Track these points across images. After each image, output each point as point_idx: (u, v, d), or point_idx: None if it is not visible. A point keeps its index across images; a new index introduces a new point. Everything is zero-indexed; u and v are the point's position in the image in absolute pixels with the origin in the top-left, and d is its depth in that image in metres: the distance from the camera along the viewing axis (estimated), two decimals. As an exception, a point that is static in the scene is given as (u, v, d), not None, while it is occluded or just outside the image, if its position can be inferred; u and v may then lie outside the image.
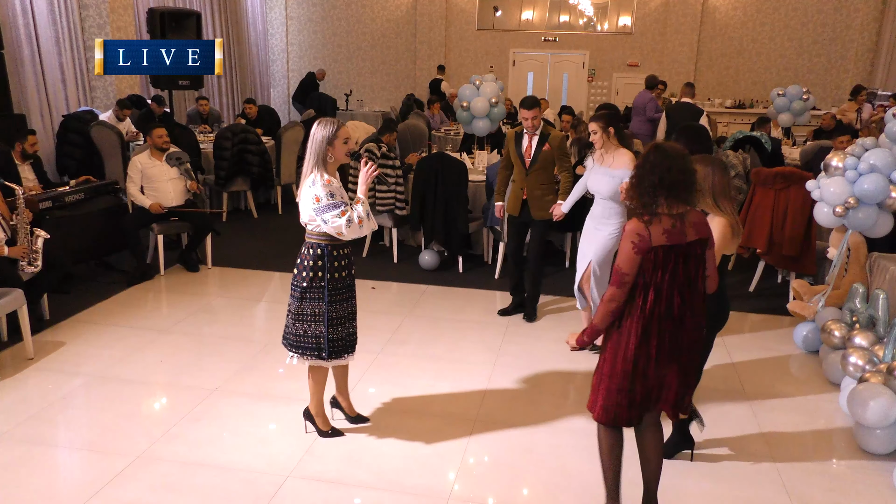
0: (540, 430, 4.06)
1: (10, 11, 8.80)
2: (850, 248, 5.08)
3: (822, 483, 3.63)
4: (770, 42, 14.59)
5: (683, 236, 2.84)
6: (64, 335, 5.19)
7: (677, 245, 2.83)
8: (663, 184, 2.80)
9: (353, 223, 3.49)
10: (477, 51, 15.82)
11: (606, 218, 4.86)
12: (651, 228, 2.80)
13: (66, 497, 3.37)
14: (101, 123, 8.57)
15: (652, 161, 2.84)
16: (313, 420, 3.93)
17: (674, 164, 2.82)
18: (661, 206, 2.83)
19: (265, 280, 6.63)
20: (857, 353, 4.16)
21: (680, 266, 2.85)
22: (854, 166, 4.82)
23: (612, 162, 4.73)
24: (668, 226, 2.82)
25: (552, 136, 5.31)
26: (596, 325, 2.97)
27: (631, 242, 2.81)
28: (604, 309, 2.91)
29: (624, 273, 2.83)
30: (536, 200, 5.39)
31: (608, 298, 2.89)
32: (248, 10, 15.36)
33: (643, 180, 2.85)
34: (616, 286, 2.86)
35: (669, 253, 2.82)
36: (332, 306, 3.65)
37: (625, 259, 2.83)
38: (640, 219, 2.83)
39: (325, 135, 3.48)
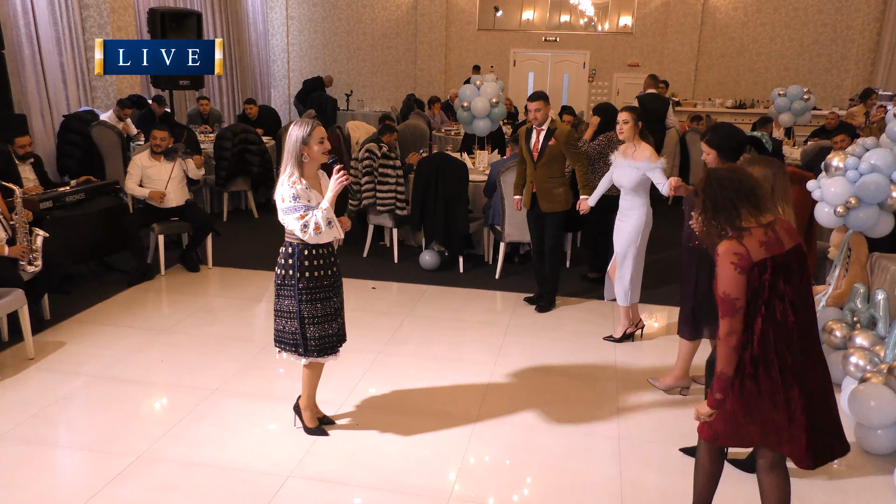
0: (540, 430, 4.06)
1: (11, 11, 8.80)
2: (851, 247, 5.08)
3: (823, 483, 3.63)
4: (771, 42, 14.58)
5: (781, 245, 2.60)
6: (64, 335, 5.20)
7: (778, 255, 2.58)
8: (741, 195, 2.58)
9: (309, 229, 3.47)
10: (477, 51, 15.82)
11: (630, 209, 5.06)
12: (746, 243, 2.56)
13: (67, 497, 3.37)
14: (102, 123, 8.58)
15: (717, 179, 2.63)
16: (300, 415, 3.97)
17: (741, 176, 2.63)
18: (745, 220, 2.59)
19: (266, 280, 6.62)
20: (858, 354, 4.16)
21: (786, 278, 2.59)
22: (855, 166, 4.82)
23: (635, 154, 4.93)
24: (761, 236, 2.57)
25: (558, 131, 5.46)
26: (724, 372, 2.62)
27: (731, 264, 2.54)
28: (725, 349, 2.59)
29: (733, 298, 2.55)
30: (545, 194, 5.58)
31: (725, 333, 2.58)
32: (248, 10, 15.37)
33: (717, 201, 2.59)
34: (729, 317, 2.56)
35: (773, 264, 2.57)
36: (305, 305, 3.64)
37: (729, 283, 2.55)
38: (729, 237, 2.59)
39: (301, 135, 3.49)
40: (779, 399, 2.63)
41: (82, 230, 6.18)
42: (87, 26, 10.05)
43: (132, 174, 6.55)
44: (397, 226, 7.15)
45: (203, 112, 10.96)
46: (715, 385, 2.66)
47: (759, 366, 2.61)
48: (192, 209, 6.76)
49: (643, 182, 4.95)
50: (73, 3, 9.74)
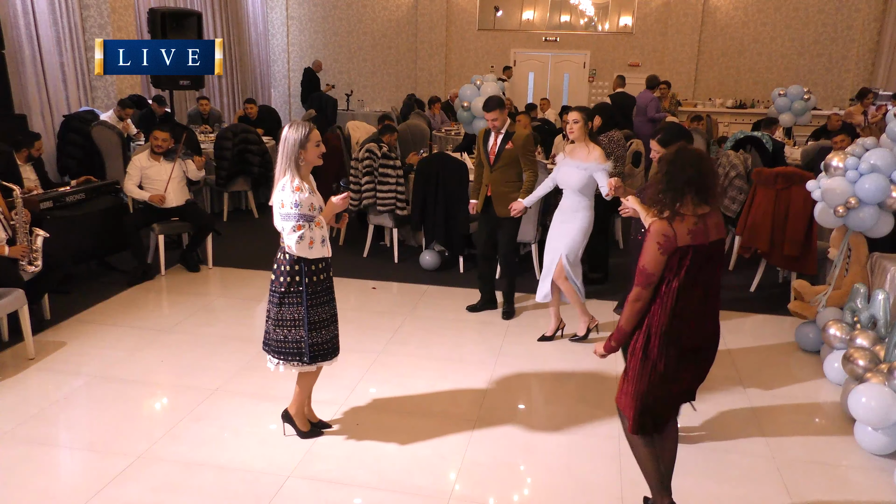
0: (541, 431, 4.06)
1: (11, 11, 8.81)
2: (851, 248, 5.08)
3: (823, 483, 3.63)
4: (771, 42, 14.58)
5: (706, 236, 2.86)
6: (65, 335, 5.20)
7: (701, 245, 2.84)
8: (692, 183, 2.81)
9: (304, 242, 3.47)
10: (478, 51, 15.82)
11: (574, 211, 5.03)
12: (676, 228, 2.81)
13: (67, 497, 3.37)
14: (102, 123, 8.58)
15: (683, 160, 2.85)
16: (292, 421, 3.89)
17: (704, 166, 2.85)
18: (685, 207, 2.84)
19: (266, 280, 6.55)
20: (858, 353, 4.16)
21: (703, 265, 2.87)
22: (855, 166, 4.82)
23: (585, 156, 4.89)
24: (691, 226, 2.83)
25: (516, 135, 5.37)
26: (623, 328, 2.97)
27: (657, 243, 2.81)
28: (630, 309, 2.92)
29: (649, 273, 2.84)
30: (501, 198, 5.44)
31: (633, 299, 2.90)
32: (248, 10, 15.37)
33: (674, 178, 2.82)
34: (642, 286, 2.87)
35: (694, 253, 2.83)
36: (312, 310, 3.62)
37: (650, 259, 2.84)
38: (664, 218, 2.84)
39: (297, 138, 3.44)
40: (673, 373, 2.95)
41: (83, 230, 6.18)
42: (88, 26, 10.05)
43: (131, 175, 6.55)
44: (397, 226, 7.15)
45: (203, 112, 10.96)
46: (614, 336, 3.01)
47: (664, 342, 2.89)
48: (192, 209, 6.76)
49: (590, 183, 4.94)
50: (73, 3, 9.75)
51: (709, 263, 2.89)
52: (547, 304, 5.40)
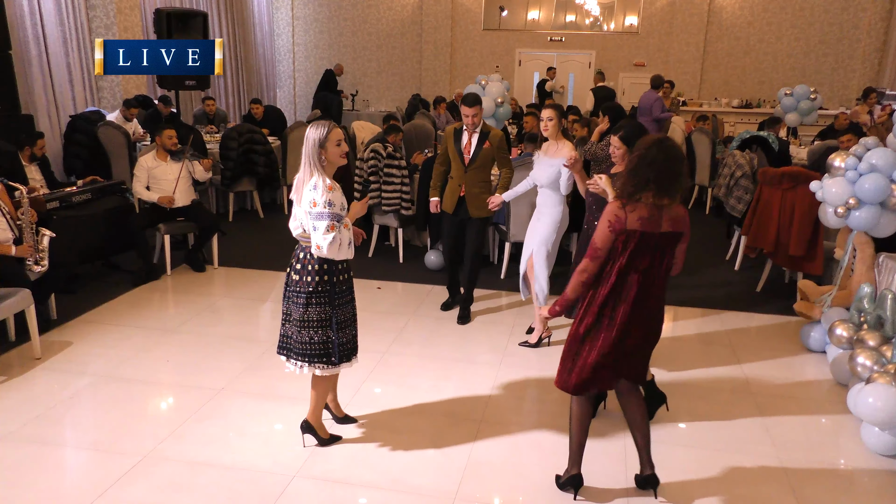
0: (546, 431, 4.06)
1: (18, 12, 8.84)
2: (857, 248, 5.06)
3: (829, 483, 3.62)
4: (777, 42, 14.54)
5: (658, 226, 3.03)
6: (71, 335, 5.21)
7: (649, 233, 3.02)
8: (656, 180, 2.98)
9: (335, 244, 3.38)
10: (483, 51, 15.82)
11: (546, 207, 5.07)
12: (628, 212, 3.00)
13: (73, 497, 3.38)
14: (108, 124, 8.60)
15: (653, 156, 2.99)
16: (313, 431, 3.83)
17: (672, 166, 3.01)
18: (644, 197, 3.02)
19: (271, 280, 6.63)
20: (865, 354, 4.15)
21: (646, 253, 3.05)
22: (854, 166, 4.80)
23: (556, 152, 4.92)
24: (644, 214, 3.00)
25: (492, 134, 5.33)
26: (567, 295, 3.19)
27: (608, 221, 3.03)
28: (576, 279, 3.13)
29: (597, 248, 3.06)
30: (474, 198, 5.38)
31: (581, 269, 3.11)
32: (254, 10, 15.40)
33: (638, 172, 3.00)
34: (589, 259, 3.09)
35: (639, 239, 3.02)
36: (339, 310, 3.59)
37: (600, 236, 3.05)
38: (620, 202, 3.04)
39: (318, 137, 3.40)
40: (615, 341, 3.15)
41: (89, 230, 6.19)
42: (94, 27, 10.09)
43: (139, 177, 6.57)
44: (402, 226, 7.15)
45: (209, 112, 10.99)
46: (559, 301, 3.22)
47: (605, 312, 3.13)
48: (197, 209, 6.77)
49: (558, 178, 4.95)
50: (79, 4, 9.78)
51: (654, 253, 3.06)
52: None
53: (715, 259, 7.55)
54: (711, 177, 9.53)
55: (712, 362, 5.02)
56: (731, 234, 7.79)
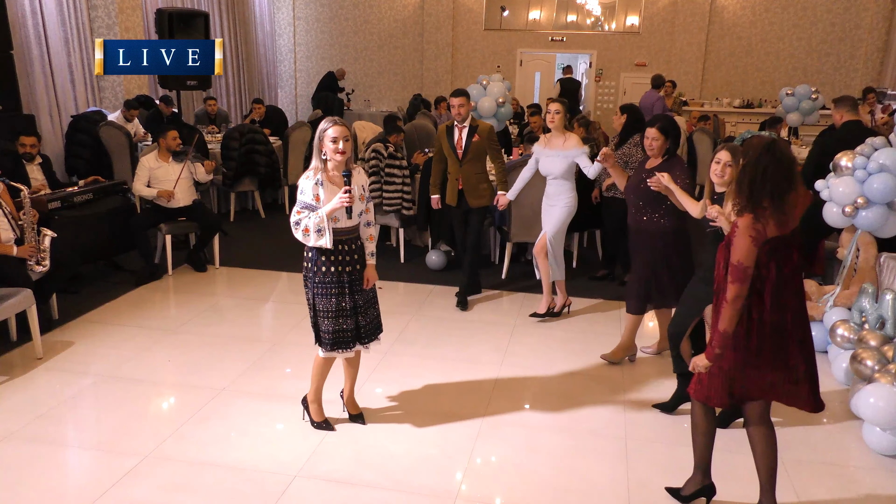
0: (547, 430, 4.06)
1: (20, 12, 8.85)
2: (860, 248, 5.06)
3: (831, 483, 3.62)
4: (779, 42, 14.53)
5: (788, 226, 2.94)
6: (73, 335, 5.22)
7: (786, 235, 2.93)
8: (769, 191, 2.87)
9: (299, 228, 3.58)
10: (484, 51, 15.81)
11: (558, 195, 5.41)
12: (763, 221, 2.89)
13: (75, 496, 3.38)
14: (110, 124, 8.61)
15: (765, 165, 2.87)
16: (308, 408, 4.01)
17: (790, 174, 2.90)
18: (766, 202, 2.89)
19: (273, 280, 6.64)
20: (867, 354, 4.14)
21: (788, 255, 2.94)
22: (863, 166, 4.80)
23: (563, 144, 5.30)
24: (774, 217, 2.90)
25: (480, 128, 5.66)
26: (726, 330, 2.95)
27: (749, 237, 2.87)
28: (730, 309, 2.92)
29: (745, 267, 2.87)
30: (472, 189, 5.76)
31: (734, 297, 2.90)
32: (255, 10, 15.40)
33: (755, 183, 2.88)
34: (739, 282, 2.88)
35: (780, 243, 2.92)
36: (319, 299, 3.71)
37: (744, 253, 2.87)
38: (751, 214, 2.90)
39: (319, 130, 3.61)
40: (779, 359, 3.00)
41: (90, 230, 6.20)
42: (95, 27, 10.09)
43: (140, 176, 6.57)
44: (403, 226, 7.15)
45: (210, 112, 10.99)
46: (715, 341, 2.97)
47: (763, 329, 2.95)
48: (199, 209, 6.78)
49: (571, 168, 5.35)
50: (81, 4, 9.78)
51: (793, 252, 2.97)
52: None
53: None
54: (713, 177, 9.50)
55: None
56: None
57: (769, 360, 3.00)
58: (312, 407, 3.99)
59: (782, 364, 3.01)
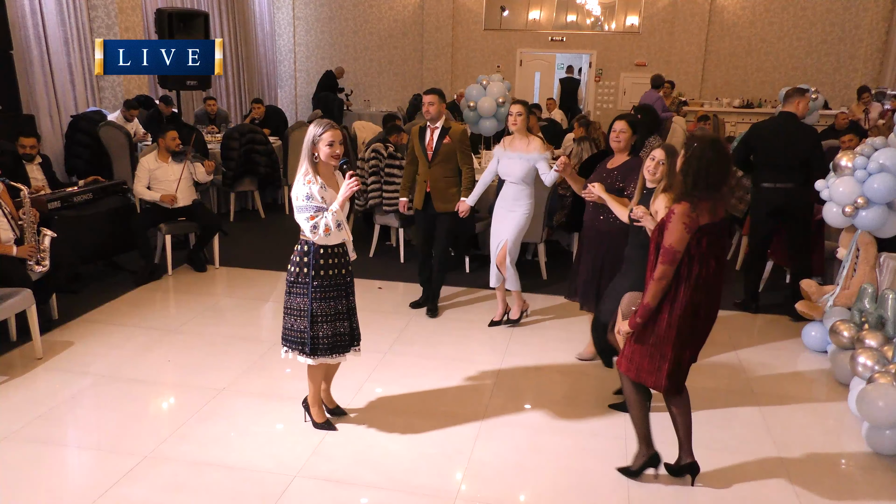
0: (547, 431, 4.06)
1: (19, 12, 8.84)
2: (860, 248, 5.06)
3: (831, 483, 3.62)
4: (778, 42, 14.52)
5: (718, 214, 3.17)
6: (72, 335, 5.22)
7: (717, 223, 3.16)
8: (711, 183, 3.10)
9: (319, 230, 3.53)
10: (484, 51, 15.80)
11: (517, 200, 5.24)
12: (697, 210, 3.09)
13: (75, 496, 3.38)
14: (110, 124, 8.60)
15: (709, 159, 3.10)
16: (308, 411, 4.01)
17: (727, 169, 3.16)
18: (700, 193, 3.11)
19: (273, 280, 6.64)
20: (867, 354, 4.14)
21: (716, 242, 3.18)
22: (863, 166, 4.80)
23: (526, 147, 5.11)
24: (708, 206, 3.11)
25: (452, 130, 5.48)
26: (649, 304, 3.20)
27: (683, 223, 3.08)
28: (655, 286, 3.17)
29: (676, 251, 3.10)
30: (440, 193, 5.54)
31: (659, 276, 3.15)
32: (255, 10, 15.39)
33: (698, 174, 3.09)
34: (668, 264, 3.12)
35: (711, 230, 3.13)
36: (317, 304, 3.67)
37: (677, 238, 3.09)
38: (688, 202, 3.10)
39: (312, 134, 3.58)
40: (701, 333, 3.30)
41: (90, 230, 6.20)
42: (95, 27, 10.08)
43: (140, 178, 6.57)
44: (403, 226, 7.15)
45: (210, 112, 10.99)
46: (640, 313, 3.23)
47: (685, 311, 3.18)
48: (199, 209, 6.78)
49: (532, 173, 5.16)
50: (80, 4, 9.78)
51: (721, 240, 3.22)
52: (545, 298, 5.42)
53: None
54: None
55: (713, 362, 5.01)
56: (732, 233, 7.78)
57: (687, 336, 3.25)
58: (313, 409, 3.99)
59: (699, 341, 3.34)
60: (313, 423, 3.99)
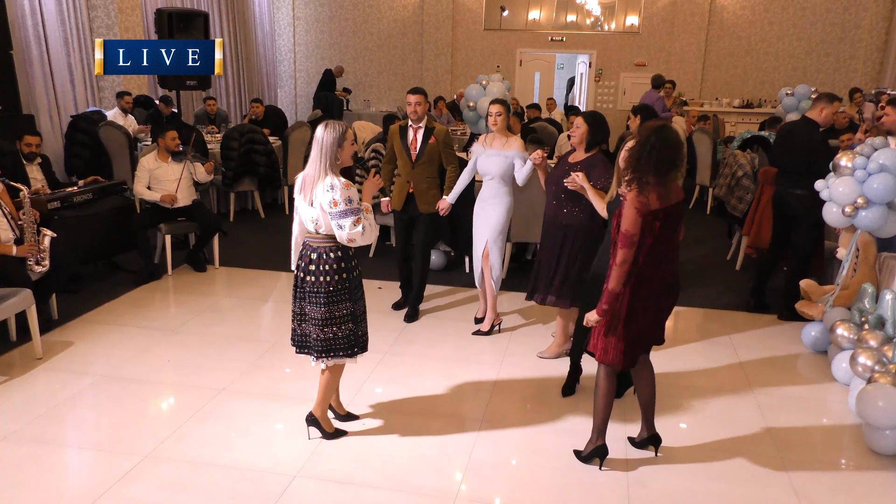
0: (547, 431, 4.06)
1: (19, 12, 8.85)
2: (860, 248, 5.06)
3: (831, 483, 3.62)
4: (778, 41, 14.52)
5: (670, 199, 3.29)
6: (72, 335, 5.22)
7: (669, 207, 3.27)
8: (657, 168, 3.20)
9: (367, 232, 3.53)
10: (484, 51, 15.80)
11: (495, 197, 5.24)
12: (647, 195, 3.21)
13: (75, 496, 3.38)
14: (110, 124, 8.61)
15: (653, 144, 3.21)
16: (318, 424, 3.88)
17: (674, 154, 3.26)
18: (650, 179, 3.22)
19: (272, 280, 6.64)
20: (866, 354, 4.14)
21: (669, 225, 3.30)
22: (863, 166, 4.80)
23: (505, 145, 5.15)
24: (659, 191, 3.23)
25: (437, 130, 5.45)
26: (614, 289, 3.29)
27: (635, 208, 3.20)
28: (618, 271, 3.27)
29: (632, 234, 3.21)
30: (422, 194, 5.46)
31: (621, 261, 3.25)
32: (255, 10, 15.39)
33: (641, 160, 3.22)
34: (627, 248, 3.23)
35: (663, 215, 3.25)
36: (356, 304, 3.72)
37: (631, 223, 3.21)
38: (637, 189, 3.23)
39: (336, 137, 3.47)
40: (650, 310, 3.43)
41: (90, 230, 6.20)
42: (95, 27, 10.09)
43: (140, 178, 6.57)
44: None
45: (210, 112, 10.99)
46: (605, 298, 3.32)
47: (642, 285, 3.33)
48: (198, 209, 6.78)
49: (509, 170, 5.16)
50: (80, 4, 9.79)
51: (674, 223, 3.34)
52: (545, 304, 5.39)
53: (716, 259, 7.54)
54: (712, 177, 9.52)
55: (713, 362, 5.01)
56: (732, 234, 7.79)
57: (652, 315, 3.44)
58: (324, 422, 3.89)
59: (662, 317, 3.55)
60: (325, 436, 3.89)
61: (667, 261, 3.38)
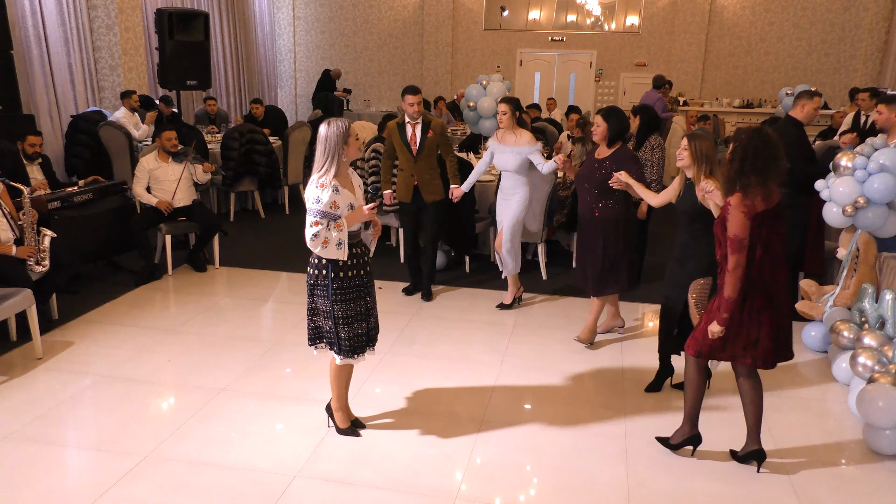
0: (547, 431, 4.06)
1: (20, 12, 8.85)
2: (860, 248, 5.06)
3: (831, 484, 3.62)
4: (779, 42, 14.53)
5: (773, 200, 3.27)
6: (72, 335, 5.22)
7: (773, 207, 3.26)
8: (760, 169, 3.20)
9: (318, 240, 3.47)
10: (484, 51, 15.81)
11: (513, 189, 5.66)
12: (752, 197, 3.21)
13: (75, 496, 3.38)
14: (110, 124, 8.61)
15: (756, 146, 3.22)
16: (332, 416, 3.95)
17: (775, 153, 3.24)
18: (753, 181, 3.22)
19: (273, 280, 6.64)
20: (867, 354, 4.14)
21: (776, 226, 3.28)
22: (864, 166, 4.80)
23: (516, 140, 5.53)
24: (761, 192, 3.23)
25: (434, 123, 5.81)
26: (730, 296, 3.29)
27: (741, 212, 3.20)
28: (732, 278, 3.26)
29: (742, 238, 3.21)
30: (426, 185, 5.85)
31: (734, 267, 3.24)
32: (255, 10, 15.40)
33: (745, 162, 3.22)
34: (738, 253, 3.22)
35: (769, 215, 3.24)
36: (338, 306, 3.62)
37: (739, 227, 3.21)
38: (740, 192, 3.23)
39: (340, 133, 3.47)
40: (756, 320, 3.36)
41: (90, 230, 6.20)
42: (95, 27, 10.09)
43: (139, 178, 6.57)
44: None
45: (210, 112, 10.99)
46: (723, 307, 3.31)
47: (748, 294, 3.30)
48: (199, 209, 6.78)
49: (525, 164, 5.56)
50: (80, 4, 9.79)
51: (779, 222, 3.31)
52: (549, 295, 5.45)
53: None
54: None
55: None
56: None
57: (756, 319, 3.35)
58: (338, 415, 3.92)
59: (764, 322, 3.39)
60: (336, 429, 3.93)
61: (778, 262, 3.35)
